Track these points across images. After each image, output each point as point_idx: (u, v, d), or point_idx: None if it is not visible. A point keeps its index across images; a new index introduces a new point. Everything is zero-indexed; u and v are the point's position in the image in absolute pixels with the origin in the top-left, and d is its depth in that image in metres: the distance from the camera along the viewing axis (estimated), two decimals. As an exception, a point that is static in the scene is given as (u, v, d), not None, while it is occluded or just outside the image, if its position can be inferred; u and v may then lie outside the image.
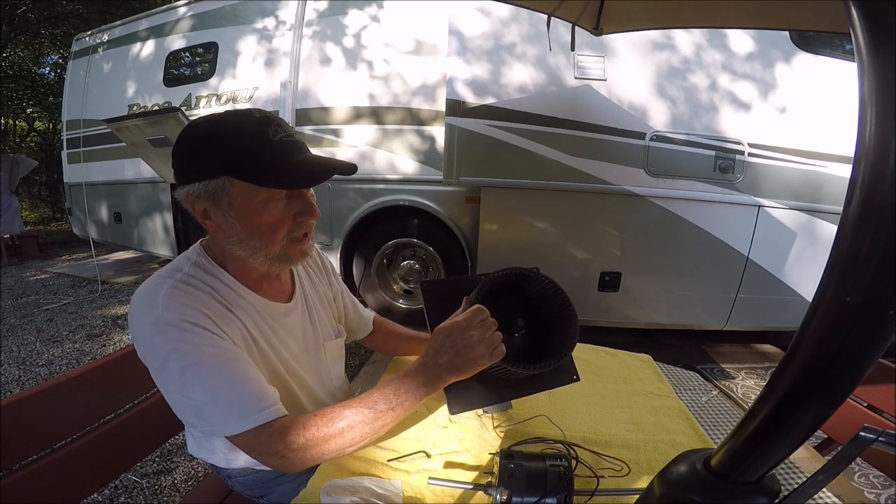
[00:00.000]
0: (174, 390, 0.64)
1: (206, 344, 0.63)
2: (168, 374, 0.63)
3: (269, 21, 3.09)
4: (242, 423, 0.62)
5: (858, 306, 0.25)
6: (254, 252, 0.69)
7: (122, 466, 0.89)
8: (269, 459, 0.64)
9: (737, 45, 2.28)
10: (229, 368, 0.64)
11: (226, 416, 0.62)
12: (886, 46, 0.24)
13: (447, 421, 0.84)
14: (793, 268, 2.38)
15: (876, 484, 1.58)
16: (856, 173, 0.26)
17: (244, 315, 0.72)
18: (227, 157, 0.63)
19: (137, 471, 1.71)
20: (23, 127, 10.85)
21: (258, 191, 0.64)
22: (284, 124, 0.67)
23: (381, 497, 0.64)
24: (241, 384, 0.63)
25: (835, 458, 0.30)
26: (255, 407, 0.63)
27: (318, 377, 0.86)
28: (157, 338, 0.62)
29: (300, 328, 0.84)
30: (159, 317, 0.62)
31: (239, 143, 0.63)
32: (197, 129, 0.66)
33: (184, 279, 0.68)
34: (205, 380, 0.62)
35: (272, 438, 0.62)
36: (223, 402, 0.62)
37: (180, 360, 0.62)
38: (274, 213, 0.67)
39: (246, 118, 0.65)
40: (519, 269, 0.72)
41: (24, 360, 2.72)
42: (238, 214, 0.66)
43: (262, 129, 0.64)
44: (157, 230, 3.79)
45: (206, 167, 0.64)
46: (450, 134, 2.40)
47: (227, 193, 0.65)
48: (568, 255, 2.54)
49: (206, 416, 0.63)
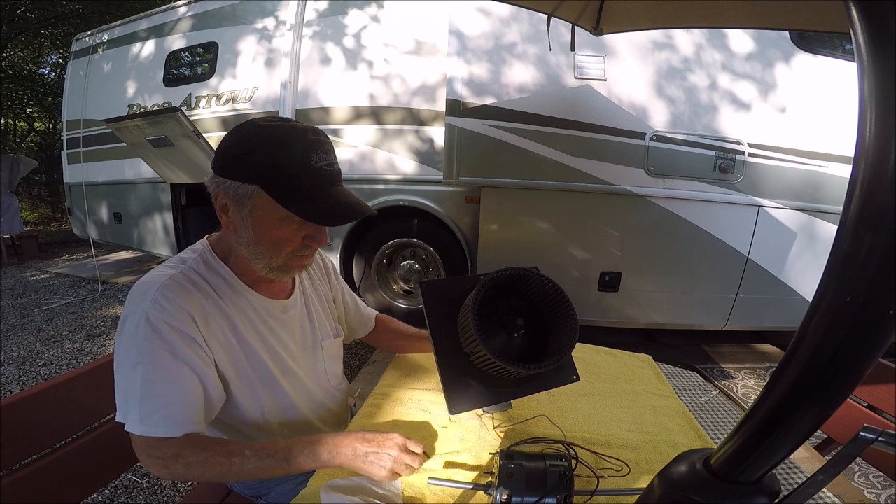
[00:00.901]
0: (119, 374, 0.67)
1: (168, 352, 0.66)
2: (122, 358, 0.66)
3: (269, 21, 3.09)
4: (137, 426, 0.64)
5: (858, 306, 0.25)
6: (257, 257, 0.72)
7: (122, 466, 0.89)
8: (151, 461, 0.66)
9: (737, 45, 2.28)
10: (174, 372, 0.66)
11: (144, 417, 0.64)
12: (886, 46, 0.24)
13: (447, 421, 0.84)
14: (793, 268, 2.38)
15: (876, 484, 1.58)
16: (856, 173, 0.26)
17: (235, 310, 0.74)
18: (266, 171, 0.66)
19: (137, 471, 1.71)
20: (23, 127, 10.85)
21: (281, 209, 0.67)
22: (330, 150, 0.70)
23: (381, 497, 0.64)
24: (175, 401, 0.66)
25: (835, 458, 0.30)
26: (171, 420, 0.65)
27: (315, 376, 0.87)
28: (134, 329, 0.65)
29: (298, 326, 0.84)
30: (146, 311, 0.65)
31: (283, 160, 0.66)
32: (249, 131, 0.68)
33: (184, 272, 0.71)
34: (147, 382, 0.64)
35: (160, 448, 0.64)
36: (149, 404, 0.64)
37: (138, 356, 0.65)
38: (287, 231, 0.70)
39: (299, 136, 0.67)
40: (518, 270, 0.72)
41: (24, 360, 2.72)
42: (255, 222, 0.69)
43: (307, 154, 0.67)
44: (157, 230, 3.78)
45: (243, 170, 0.67)
46: (450, 134, 2.40)
47: (253, 201, 0.67)
48: (568, 255, 2.54)
49: (128, 404, 0.65)
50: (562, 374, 0.79)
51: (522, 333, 0.77)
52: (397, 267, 3.00)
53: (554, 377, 0.79)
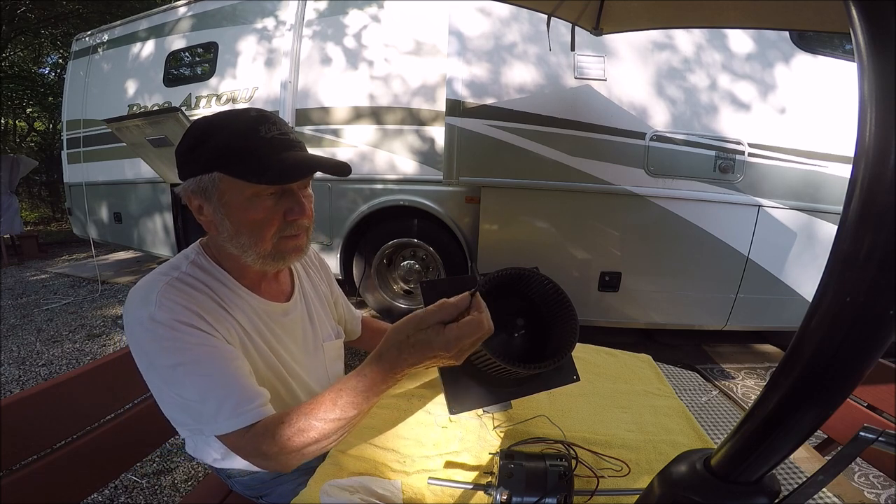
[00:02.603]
0: (164, 388, 0.63)
1: (197, 343, 0.63)
2: (157, 372, 0.63)
3: (269, 21, 3.09)
4: (231, 423, 0.61)
5: (858, 306, 0.25)
6: (244, 250, 0.69)
7: (122, 466, 0.89)
8: (258, 460, 0.63)
9: (737, 45, 2.28)
10: (220, 366, 0.63)
11: (215, 414, 0.61)
12: (886, 46, 0.24)
13: (447, 421, 0.84)
14: (793, 268, 2.38)
15: (876, 484, 1.58)
16: (856, 173, 0.26)
17: (240, 314, 0.72)
18: (217, 152, 0.64)
19: (137, 471, 1.71)
20: (23, 127, 10.85)
21: (245, 186, 0.64)
22: (280, 122, 0.67)
23: (381, 497, 0.64)
24: (231, 382, 0.63)
25: (835, 458, 0.30)
26: (243, 406, 0.62)
27: (317, 378, 0.86)
28: (146, 335, 0.62)
29: (300, 328, 0.83)
30: (151, 314, 0.62)
31: (230, 139, 0.64)
32: (194, 127, 0.67)
33: (180, 277, 0.68)
34: (195, 378, 0.62)
35: (258, 438, 0.61)
36: (212, 399, 0.62)
37: (170, 358, 0.62)
38: (261, 210, 0.67)
39: (241, 116, 0.66)
40: (518, 269, 0.72)
41: (24, 360, 2.72)
42: (227, 210, 0.66)
43: (254, 126, 0.64)
44: (157, 230, 3.78)
45: (198, 162, 0.65)
46: (450, 134, 2.40)
47: (217, 188, 0.65)
48: (568, 255, 2.54)
49: (195, 413, 0.63)
50: (562, 375, 0.79)
51: (523, 333, 0.76)
52: (397, 267, 3.00)
53: (554, 377, 0.79)
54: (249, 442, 0.62)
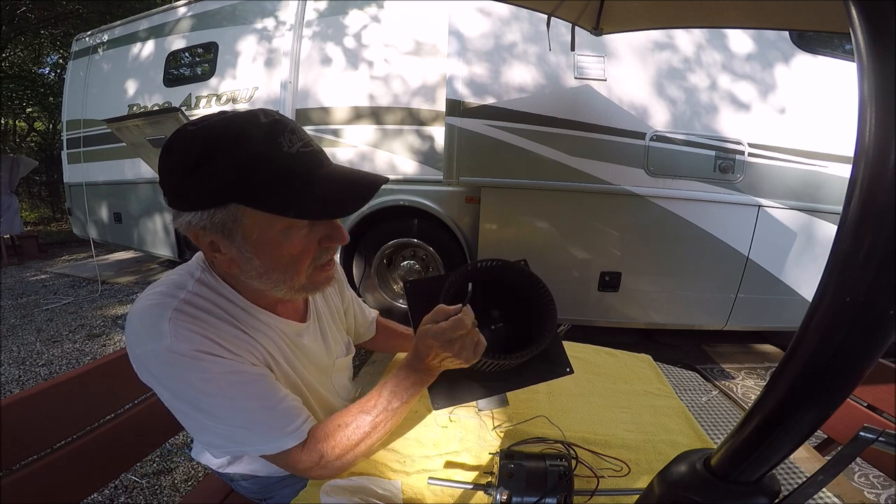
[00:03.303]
0: (197, 416, 0.59)
1: (225, 371, 0.58)
2: (188, 405, 0.59)
3: (269, 21, 3.09)
4: (281, 443, 0.61)
5: (858, 306, 0.25)
6: (276, 285, 0.61)
7: (122, 466, 0.89)
8: (310, 472, 0.64)
9: (737, 45, 2.28)
10: (256, 390, 0.61)
11: (263, 438, 0.61)
12: (886, 46, 0.24)
13: (447, 421, 0.84)
14: (793, 268, 2.38)
15: (876, 484, 1.58)
16: (856, 173, 0.26)
17: (262, 337, 0.66)
18: (234, 177, 0.52)
19: (137, 471, 1.71)
20: (23, 127, 10.85)
21: (278, 219, 0.55)
22: (298, 130, 0.56)
23: (381, 497, 0.64)
24: (272, 405, 0.61)
25: (835, 458, 0.30)
26: (291, 426, 0.62)
27: (325, 392, 0.83)
28: (168, 370, 0.57)
29: (314, 347, 0.79)
30: (169, 346, 0.55)
31: (247, 158, 0.52)
32: (190, 139, 0.53)
33: (189, 300, 0.60)
34: (233, 407, 0.59)
35: (309, 452, 0.62)
36: (257, 425, 0.60)
37: (201, 390, 0.57)
38: (297, 242, 0.58)
39: (251, 124, 0.53)
40: (484, 264, 0.72)
41: (24, 360, 2.72)
42: (256, 249, 0.57)
43: (273, 139, 0.53)
44: (157, 230, 3.78)
45: (205, 190, 0.53)
46: (450, 134, 2.40)
47: (241, 225, 0.55)
48: (568, 255, 2.54)
49: (239, 440, 0.61)
50: (553, 367, 0.78)
51: (502, 326, 0.76)
52: (397, 267, 3.00)
53: (545, 370, 0.77)
54: (301, 458, 0.62)
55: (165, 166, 0.55)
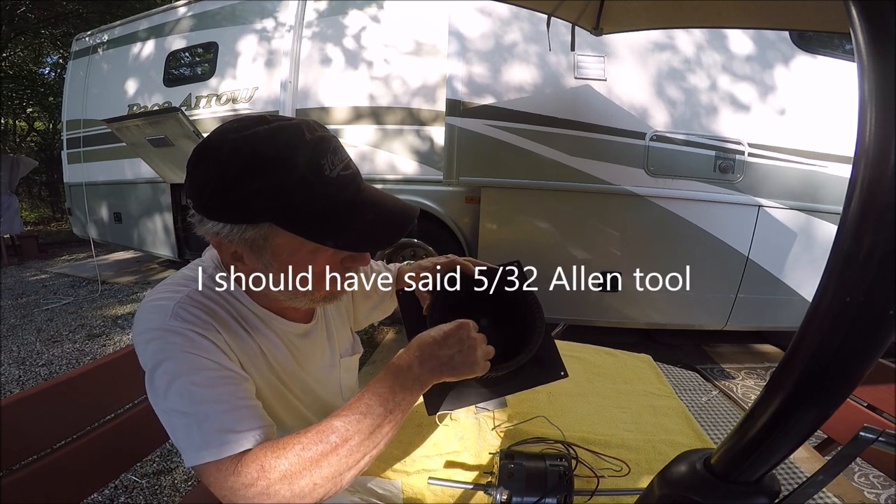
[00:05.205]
0: (160, 401, 0.54)
1: (204, 356, 0.54)
2: (155, 384, 0.54)
3: (269, 21, 3.09)
4: (203, 454, 0.49)
5: (858, 306, 0.25)
6: (294, 298, 0.61)
7: (122, 466, 0.89)
8: (245, 498, 0.47)
9: (737, 45, 2.28)
10: (218, 388, 0.53)
11: (188, 443, 0.51)
12: (886, 46, 0.24)
13: (447, 420, 0.84)
14: (793, 268, 2.38)
15: (876, 484, 1.58)
16: (856, 173, 0.26)
17: (263, 340, 0.65)
18: (275, 200, 0.51)
19: (137, 471, 1.71)
20: (23, 127, 10.85)
21: (308, 242, 0.55)
22: (340, 149, 0.55)
23: (381, 497, 0.64)
24: (221, 409, 0.51)
25: (835, 458, 0.30)
26: (226, 436, 0.49)
27: (331, 393, 0.82)
28: (153, 344, 0.54)
29: (319, 348, 0.78)
30: (164, 323, 0.54)
31: (289, 182, 0.50)
32: (231, 152, 0.51)
33: (201, 291, 0.60)
34: (189, 396, 0.52)
35: (241, 472, 0.48)
36: (195, 426, 0.51)
37: (172, 368, 0.52)
38: (322, 261, 0.58)
39: (297, 142, 0.51)
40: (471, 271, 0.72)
41: (24, 360, 2.72)
42: (282, 266, 0.57)
43: (316, 162, 0.52)
44: (157, 230, 3.79)
45: (245, 208, 0.52)
46: (450, 134, 2.40)
47: (271, 244, 0.55)
48: (568, 254, 2.54)
49: (180, 436, 0.53)
50: (547, 371, 0.77)
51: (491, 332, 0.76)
52: (397, 267, 3.00)
53: (539, 374, 0.76)
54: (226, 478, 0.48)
55: (199, 172, 0.53)
